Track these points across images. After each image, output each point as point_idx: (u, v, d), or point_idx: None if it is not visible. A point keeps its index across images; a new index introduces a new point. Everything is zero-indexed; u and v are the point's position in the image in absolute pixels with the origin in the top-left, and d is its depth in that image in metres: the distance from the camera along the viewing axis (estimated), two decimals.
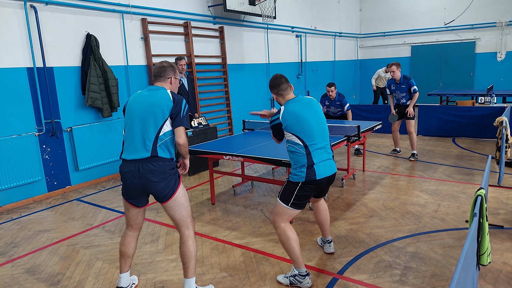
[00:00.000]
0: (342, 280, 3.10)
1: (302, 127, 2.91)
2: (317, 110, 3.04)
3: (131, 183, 2.70)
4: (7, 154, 5.12)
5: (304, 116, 2.94)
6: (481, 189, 2.35)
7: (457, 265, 1.48)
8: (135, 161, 2.66)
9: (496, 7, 12.25)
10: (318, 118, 3.01)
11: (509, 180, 5.40)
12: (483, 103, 9.12)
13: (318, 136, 2.96)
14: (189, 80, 6.74)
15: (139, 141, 2.66)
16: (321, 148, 2.98)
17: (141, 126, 2.67)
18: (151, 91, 2.78)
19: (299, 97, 3.06)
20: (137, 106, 2.72)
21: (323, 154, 2.99)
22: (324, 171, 2.96)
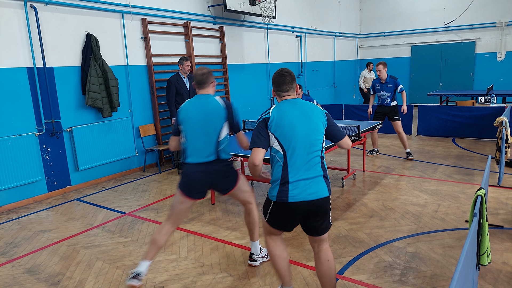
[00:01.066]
0: (342, 280, 3.10)
1: (284, 130, 2.40)
2: (312, 118, 2.46)
3: (198, 182, 3.01)
4: (7, 154, 5.12)
5: (291, 119, 2.43)
6: (481, 189, 2.35)
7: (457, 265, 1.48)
8: (202, 164, 2.99)
9: (496, 7, 12.25)
10: (310, 127, 2.43)
11: (509, 180, 5.41)
12: (483, 103, 9.12)
13: (301, 147, 2.39)
14: (190, 80, 6.75)
15: (203, 147, 2.99)
16: (303, 163, 2.39)
17: (203, 134, 2.98)
18: (202, 99, 3.04)
19: (298, 99, 2.59)
20: (195, 115, 2.99)
21: (305, 171, 2.39)
22: (301, 192, 2.36)
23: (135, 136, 6.85)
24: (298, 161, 2.39)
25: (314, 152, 2.42)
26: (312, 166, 2.41)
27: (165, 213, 4.80)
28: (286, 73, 2.57)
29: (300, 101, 2.55)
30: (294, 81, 2.59)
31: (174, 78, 6.54)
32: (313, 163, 2.42)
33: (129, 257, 3.69)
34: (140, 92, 6.91)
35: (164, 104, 7.13)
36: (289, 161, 2.40)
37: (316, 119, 2.47)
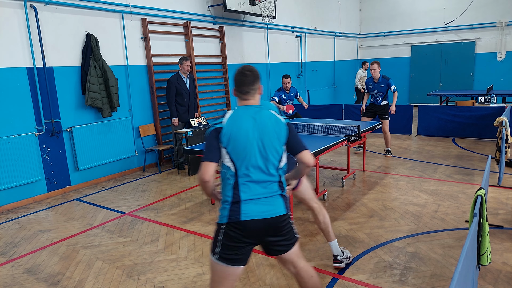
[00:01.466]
0: (342, 280, 3.10)
1: (237, 145, 2.13)
2: (269, 131, 2.16)
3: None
4: (7, 154, 5.12)
5: (246, 132, 2.14)
6: (481, 189, 2.35)
7: (457, 265, 1.48)
8: None
9: (496, 7, 12.25)
10: (266, 141, 2.15)
11: (509, 180, 5.41)
12: (483, 103, 9.12)
13: (255, 164, 2.14)
14: (191, 80, 6.76)
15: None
16: (257, 181, 2.15)
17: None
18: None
19: (257, 106, 2.25)
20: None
21: (258, 190, 2.15)
22: (255, 210, 2.12)
23: (135, 136, 6.85)
24: (251, 180, 2.15)
25: (270, 170, 2.18)
26: (267, 185, 2.17)
27: (165, 213, 4.81)
28: (248, 71, 2.25)
29: (258, 110, 2.22)
30: (256, 82, 2.26)
31: (174, 78, 6.54)
32: (268, 181, 2.18)
33: (129, 257, 3.69)
34: (140, 92, 6.91)
35: (164, 104, 7.13)
36: (240, 179, 2.14)
37: (274, 132, 2.18)
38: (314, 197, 3.20)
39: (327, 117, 9.72)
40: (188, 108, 6.75)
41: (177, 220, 4.55)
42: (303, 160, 2.25)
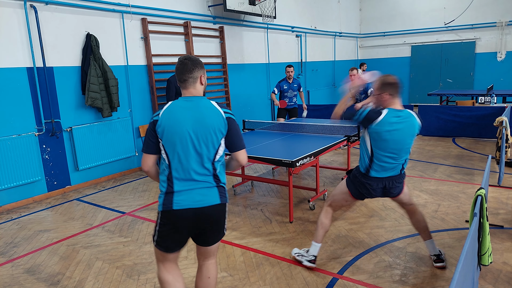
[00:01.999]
0: (342, 280, 3.09)
1: (171, 137, 2.14)
2: (206, 123, 2.15)
3: (379, 193, 3.09)
4: (7, 154, 5.12)
5: (181, 124, 2.14)
6: (481, 189, 2.35)
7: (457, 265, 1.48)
8: (385, 178, 3.02)
9: (496, 7, 12.25)
10: (202, 133, 2.14)
11: (509, 180, 5.40)
12: (483, 103, 9.12)
13: (190, 156, 2.15)
14: None
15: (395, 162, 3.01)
16: (191, 174, 2.16)
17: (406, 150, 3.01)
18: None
19: (196, 98, 2.25)
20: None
21: (192, 183, 2.17)
22: (187, 200, 2.15)
23: (135, 136, 6.85)
24: (185, 172, 2.16)
25: (205, 163, 2.17)
26: (202, 178, 2.18)
27: None
28: (186, 59, 2.24)
29: (196, 101, 2.21)
30: (195, 70, 2.24)
31: (173, 78, 6.53)
32: (203, 174, 2.18)
33: (129, 257, 3.69)
34: (140, 92, 6.91)
35: (164, 104, 7.13)
36: (174, 171, 2.16)
37: (211, 124, 2.16)
38: (411, 198, 3.28)
39: (327, 117, 9.71)
40: None
41: None
42: (237, 159, 2.31)
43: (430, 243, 3.24)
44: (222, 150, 2.25)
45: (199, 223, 2.20)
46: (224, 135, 2.22)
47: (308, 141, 4.95)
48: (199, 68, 2.28)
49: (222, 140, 2.23)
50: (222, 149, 2.25)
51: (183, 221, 2.17)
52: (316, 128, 5.60)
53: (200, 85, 2.32)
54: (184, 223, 2.18)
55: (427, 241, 3.25)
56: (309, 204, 4.70)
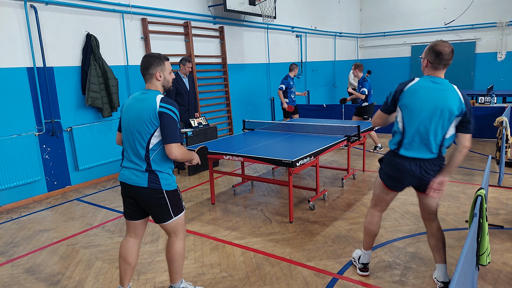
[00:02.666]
0: (342, 280, 3.09)
1: (123, 124, 2.66)
2: (141, 114, 2.50)
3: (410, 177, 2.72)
4: (7, 154, 5.12)
5: (129, 113, 2.60)
6: (481, 189, 2.35)
7: (457, 265, 1.48)
8: (416, 159, 2.69)
9: (496, 7, 12.24)
10: (137, 122, 2.52)
11: (509, 180, 5.40)
12: (483, 103, 9.11)
13: (128, 140, 2.60)
14: (190, 80, 6.75)
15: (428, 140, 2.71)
16: (130, 154, 2.60)
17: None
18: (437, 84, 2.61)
19: (146, 91, 2.60)
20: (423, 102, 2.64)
21: (128, 162, 2.62)
22: (124, 175, 2.62)
23: None
24: (126, 152, 2.63)
25: (138, 149, 2.54)
26: (136, 160, 2.56)
27: None
28: (146, 56, 2.63)
29: (143, 95, 2.57)
30: (150, 67, 2.58)
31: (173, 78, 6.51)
32: (138, 155, 2.55)
33: None
34: None
35: None
36: (123, 151, 2.67)
37: (144, 116, 2.49)
38: (437, 208, 2.90)
39: (327, 117, 9.72)
40: (188, 108, 6.74)
41: None
42: (167, 151, 2.51)
43: (442, 268, 2.87)
44: (155, 140, 2.53)
45: (134, 198, 2.63)
46: (156, 125, 2.50)
47: (308, 141, 4.95)
48: (154, 65, 2.60)
49: (157, 132, 2.52)
50: (156, 139, 2.53)
51: (123, 191, 2.68)
52: (316, 128, 5.60)
53: (157, 81, 2.64)
54: (124, 193, 2.67)
55: (440, 264, 2.89)
56: (309, 204, 4.70)
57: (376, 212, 3.02)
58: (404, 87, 2.66)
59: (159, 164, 2.56)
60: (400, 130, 2.71)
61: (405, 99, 2.64)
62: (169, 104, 2.50)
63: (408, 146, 2.68)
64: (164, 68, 2.63)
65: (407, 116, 2.65)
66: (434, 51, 2.57)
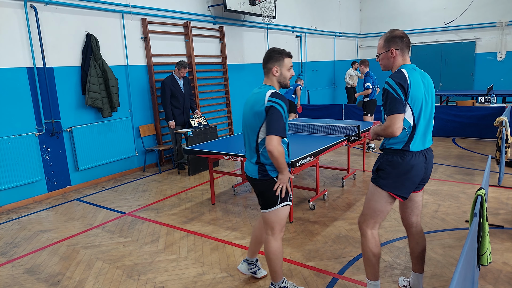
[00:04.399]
0: (342, 280, 3.09)
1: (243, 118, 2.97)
2: (253, 107, 2.63)
3: (421, 172, 2.50)
4: (7, 154, 5.12)
5: (245, 106, 2.88)
6: (481, 189, 2.35)
7: (457, 265, 1.48)
8: (423, 152, 2.49)
9: (496, 7, 12.24)
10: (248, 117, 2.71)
11: (509, 180, 5.40)
12: (483, 103, 9.12)
13: (244, 135, 2.82)
14: (185, 82, 6.73)
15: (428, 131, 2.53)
16: (246, 149, 2.84)
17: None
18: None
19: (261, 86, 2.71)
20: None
21: (247, 154, 2.83)
22: (246, 166, 2.88)
23: (135, 136, 6.85)
24: (244, 145, 2.79)
25: (251, 142, 2.68)
26: (250, 151, 2.71)
27: (165, 213, 4.81)
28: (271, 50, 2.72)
29: (258, 89, 2.67)
30: (270, 60, 2.64)
31: (168, 80, 6.49)
32: (251, 148, 2.69)
33: (129, 257, 3.69)
34: (140, 92, 6.91)
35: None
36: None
37: (254, 110, 2.59)
38: (420, 209, 2.70)
39: (327, 117, 9.72)
40: (184, 110, 6.73)
41: (177, 220, 4.55)
42: (266, 142, 2.52)
43: (419, 277, 2.74)
44: (262, 134, 2.58)
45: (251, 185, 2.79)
46: (262, 121, 2.55)
47: (308, 141, 4.95)
48: (270, 60, 2.64)
49: (263, 125, 2.56)
50: (262, 133, 2.58)
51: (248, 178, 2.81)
52: (316, 128, 5.60)
53: (273, 76, 2.67)
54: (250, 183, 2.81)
55: (417, 274, 2.74)
56: (309, 204, 4.70)
57: (375, 231, 2.61)
58: (406, 77, 2.38)
59: (268, 158, 2.59)
60: (412, 125, 2.41)
61: (412, 92, 2.38)
62: (278, 98, 2.51)
63: (419, 140, 2.46)
64: (283, 64, 2.63)
65: (417, 109, 2.40)
66: (396, 36, 2.47)
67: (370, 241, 2.58)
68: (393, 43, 2.48)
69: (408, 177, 2.46)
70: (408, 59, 2.52)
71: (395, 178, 2.47)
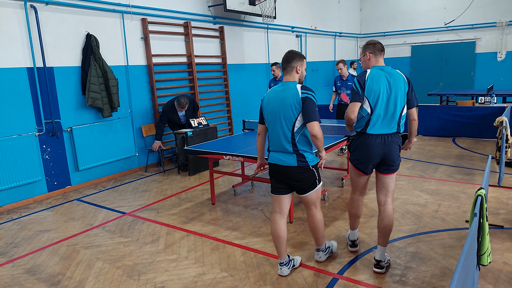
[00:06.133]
0: (342, 280, 3.09)
1: (267, 111, 3.14)
2: (287, 100, 2.98)
3: (377, 152, 3.08)
4: (7, 154, 5.12)
5: (269, 102, 3.14)
6: (481, 189, 2.35)
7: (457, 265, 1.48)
8: (382, 135, 3.06)
9: (496, 7, 12.25)
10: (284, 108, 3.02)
11: (509, 180, 5.40)
12: (483, 103, 9.12)
13: (271, 129, 3.11)
14: (188, 112, 6.84)
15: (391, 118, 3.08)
16: (273, 143, 3.12)
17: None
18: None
19: (286, 83, 3.03)
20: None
21: (278, 145, 3.09)
22: (272, 158, 3.12)
23: (135, 136, 6.85)
24: (273, 138, 3.04)
25: (286, 130, 2.94)
26: (285, 142, 2.96)
27: (165, 213, 4.81)
28: (288, 52, 3.05)
29: (283, 86, 2.99)
30: (294, 60, 2.99)
31: (168, 109, 6.57)
32: (286, 139, 2.96)
33: (129, 257, 3.69)
34: (140, 92, 6.91)
35: (163, 104, 7.12)
36: (269, 137, 3.11)
37: (288, 103, 2.91)
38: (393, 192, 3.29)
39: (327, 117, 9.71)
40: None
41: (177, 220, 4.55)
42: (308, 128, 2.91)
43: (383, 250, 3.18)
44: (299, 124, 2.92)
45: (282, 176, 3.05)
46: (299, 110, 2.90)
47: None
48: (294, 59, 2.99)
49: (299, 116, 2.91)
50: (299, 123, 2.92)
51: (273, 170, 3.10)
52: None
53: (295, 73, 3.03)
54: (274, 172, 3.10)
55: (380, 246, 3.18)
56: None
57: (355, 195, 3.40)
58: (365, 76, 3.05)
59: (303, 145, 2.98)
60: (369, 113, 3.05)
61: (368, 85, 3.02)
62: (309, 90, 2.93)
63: (373, 125, 3.06)
64: (303, 64, 3.04)
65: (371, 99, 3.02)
66: (369, 43, 3.14)
67: (349, 202, 3.49)
68: (367, 49, 3.12)
69: (365, 154, 3.10)
70: (380, 61, 3.11)
71: (357, 155, 3.17)
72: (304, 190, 3.07)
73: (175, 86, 7.48)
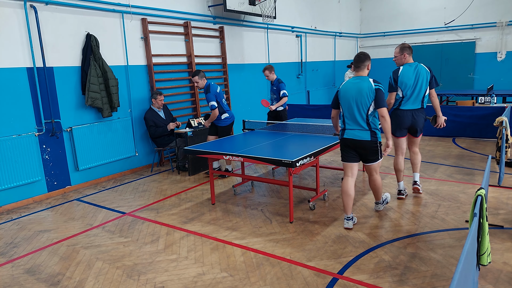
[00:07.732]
0: (342, 280, 3.09)
1: (343, 99, 4.03)
2: (363, 90, 3.91)
3: (407, 121, 4.67)
4: (7, 154, 5.12)
5: (346, 91, 4.03)
6: (481, 189, 2.35)
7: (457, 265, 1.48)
8: (410, 110, 4.65)
9: (496, 7, 12.24)
10: (360, 97, 3.89)
11: (509, 180, 5.40)
12: (483, 103, 9.11)
13: (347, 112, 3.99)
14: (166, 112, 6.88)
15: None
16: (349, 123, 4.02)
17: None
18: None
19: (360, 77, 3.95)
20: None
21: (350, 125, 4.00)
22: (348, 133, 4.01)
23: (135, 136, 6.85)
24: (349, 119, 3.96)
25: (362, 113, 3.86)
26: (362, 121, 3.88)
27: (165, 213, 4.81)
28: (361, 54, 4.00)
29: (358, 79, 3.91)
30: (366, 60, 3.95)
31: (149, 115, 6.62)
32: (362, 119, 3.88)
33: (129, 257, 3.69)
34: (140, 92, 6.91)
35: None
36: (345, 119, 4.02)
37: (364, 92, 3.80)
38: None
39: (327, 117, 9.71)
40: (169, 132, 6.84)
41: (177, 220, 4.55)
42: (379, 112, 3.88)
43: (417, 176, 4.93)
44: (372, 108, 3.85)
45: (356, 148, 3.97)
46: (373, 99, 3.82)
47: (308, 141, 4.95)
48: (366, 60, 3.93)
49: (371, 102, 3.83)
50: (372, 108, 3.85)
51: (348, 144, 4.01)
52: (316, 128, 5.60)
53: (367, 70, 3.96)
54: (349, 145, 4.00)
55: (416, 174, 4.94)
56: (309, 204, 4.70)
57: (399, 157, 4.74)
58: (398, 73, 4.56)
59: (374, 125, 3.89)
60: (401, 96, 4.65)
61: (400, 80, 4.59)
62: (379, 83, 3.85)
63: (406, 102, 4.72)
64: (370, 62, 3.96)
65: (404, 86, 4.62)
66: (406, 47, 4.59)
67: (394, 162, 4.82)
68: (405, 50, 4.55)
69: (399, 123, 4.64)
70: (410, 59, 4.59)
71: (394, 125, 4.63)
72: (370, 160, 4.00)
73: (175, 86, 7.48)
